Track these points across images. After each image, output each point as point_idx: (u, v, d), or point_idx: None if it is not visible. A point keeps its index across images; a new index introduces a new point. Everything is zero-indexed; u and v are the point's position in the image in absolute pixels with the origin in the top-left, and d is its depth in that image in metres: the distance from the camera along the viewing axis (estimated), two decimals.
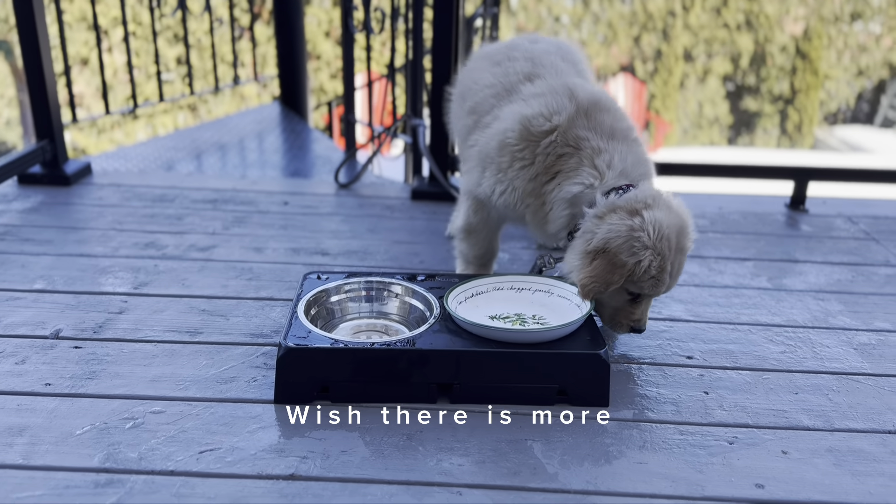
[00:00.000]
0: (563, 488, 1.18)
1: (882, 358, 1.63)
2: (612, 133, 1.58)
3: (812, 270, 2.11)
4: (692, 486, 1.20)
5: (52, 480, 1.16)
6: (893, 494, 1.19)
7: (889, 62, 13.70)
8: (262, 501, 1.13)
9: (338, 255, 2.12)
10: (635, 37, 13.48)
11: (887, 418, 1.40)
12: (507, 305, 1.58)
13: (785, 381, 1.52)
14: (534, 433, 1.32)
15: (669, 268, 1.47)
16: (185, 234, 2.22)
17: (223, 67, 5.24)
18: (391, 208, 2.55)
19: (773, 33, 13.28)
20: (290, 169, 3.68)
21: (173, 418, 1.33)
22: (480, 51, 1.96)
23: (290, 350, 1.37)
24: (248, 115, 4.67)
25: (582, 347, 1.41)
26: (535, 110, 1.60)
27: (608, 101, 1.64)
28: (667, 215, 1.47)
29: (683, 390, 1.48)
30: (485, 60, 1.85)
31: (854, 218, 2.58)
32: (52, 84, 2.57)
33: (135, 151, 3.77)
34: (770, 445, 1.31)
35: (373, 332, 1.57)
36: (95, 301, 1.77)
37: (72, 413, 1.33)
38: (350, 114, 3.75)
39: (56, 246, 2.10)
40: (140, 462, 1.21)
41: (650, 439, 1.32)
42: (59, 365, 1.49)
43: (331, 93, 11.32)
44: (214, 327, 1.66)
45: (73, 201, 2.48)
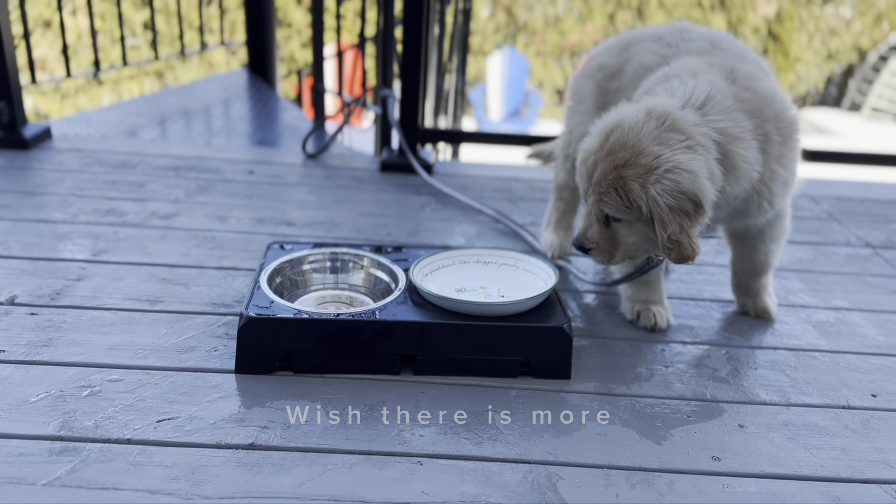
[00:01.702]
0: (523, 458, 1.19)
1: (839, 335, 1.66)
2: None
3: None
4: (650, 458, 1.21)
5: (5, 448, 1.14)
6: (845, 467, 1.22)
7: (858, 46, 13.85)
8: (220, 470, 1.12)
9: (304, 225, 2.09)
10: (610, 14, 13.45)
11: (841, 394, 1.43)
12: (472, 279, 1.57)
13: (744, 357, 1.55)
14: (496, 405, 1.33)
15: (586, 169, 1.36)
16: (146, 202, 2.18)
17: (191, 33, 5.11)
18: (359, 180, 2.52)
19: (745, 14, 13.34)
20: (257, 137, 3.62)
21: (131, 387, 1.31)
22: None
23: (252, 320, 1.35)
24: (214, 82, 4.58)
25: (545, 321, 1.41)
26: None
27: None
28: (615, 117, 1.36)
29: (645, 364, 1.49)
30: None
31: (818, 198, 2.61)
32: (9, 43, 2.49)
33: (97, 116, 3.67)
34: (727, 419, 1.33)
35: (337, 303, 1.56)
36: (53, 267, 1.73)
37: (27, 380, 1.31)
38: (319, 83, 3.70)
39: (13, 211, 2.04)
40: (96, 430, 1.19)
41: (611, 411, 1.33)
42: (14, 332, 1.46)
43: (301, 62, 11.13)
44: (175, 296, 1.64)
45: (31, 166, 2.42)
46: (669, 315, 1.64)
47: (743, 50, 1.57)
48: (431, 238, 2.06)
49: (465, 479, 1.14)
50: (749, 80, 1.42)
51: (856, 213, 2.48)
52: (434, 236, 2.07)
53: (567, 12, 13.52)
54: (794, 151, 1.45)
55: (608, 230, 1.39)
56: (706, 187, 1.28)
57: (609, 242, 1.40)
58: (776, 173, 1.42)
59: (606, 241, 1.39)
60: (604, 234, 1.39)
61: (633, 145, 1.29)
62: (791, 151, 1.43)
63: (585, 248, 1.42)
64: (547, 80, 13.51)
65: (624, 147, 1.30)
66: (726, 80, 1.41)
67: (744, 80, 1.41)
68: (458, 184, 2.50)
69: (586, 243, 1.41)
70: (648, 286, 1.62)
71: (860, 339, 1.64)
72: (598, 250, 1.40)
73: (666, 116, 1.31)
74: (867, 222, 2.40)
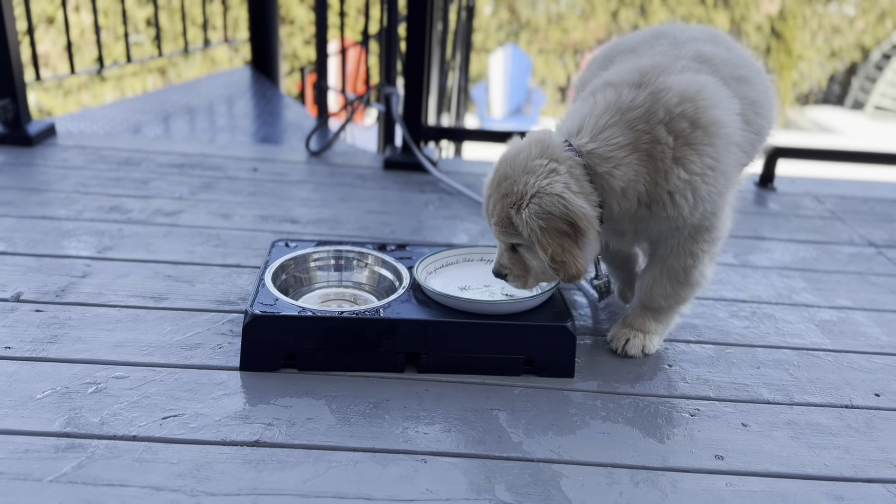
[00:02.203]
0: (527, 457, 1.20)
1: (842, 334, 1.66)
2: None
3: (778, 248, 2.14)
4: (654, 456, 1.22)
5: (12, 444, 1.14)
6: (848, 466, 1.22)
7: (861, 45, 13.82)
8: (225, 467, 1.13)
9: (307, 223, 2.10)
10: (613, 12, 13.43)
11: (844, 393, 1.43)
12: (476, 277, 1.58)
13: (747, 356, 1.55)
14: (500, 403, 1.33)
15: (486, 203, 1.42)
16: (150, 199, 2.18)
17: (194, 30, 5.11)
18: (363, 177, 2.53)
19: (748, 12, 13.31)
20: (261, 135, 3.62)
21: (136, 384, 1.31)
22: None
23: (257, 317, 1.36)
24: (218, 79, 4.58)
25: (549, 319, 1.42)
26: None
27: None
28: (505, 150, 1.42)
29: (648, 363, 1.50)
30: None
31: (821, 197, 2.61)
32: (13, 40, 2.49)
33: (101, 113, 3.68)
34: (731, 418, 1.34)
35: (341, 300, 1.56)
36: (58, 264, 1.74)
37: (32, 377, 1.31)
38: (322, 80, 3.70)
39: (17, 207, 2.04)
40: (102, 427, 1.19)
41: (614, 410, 1.33)
42: (20, 328, 1.46)
43: (304, 59, 11.12)
44: (180, 293, 1.64)
45: (35, 162, 2.42)
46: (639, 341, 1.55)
47: (713, 50, 1.45)
48: (435, 236, 2.06)
49: (470, 476, 1.14)
50: (660, 85, 1.33)
51: (859, 212, 2.48)
52: (438, 234, 2.08)
53: (570, 10, 13.50)
54: (701, 152, 1.31)
55: (516, 256, 1.42)
56: (577, 207, 1.29)
57: (520, 267, 1.43)
58: (674, 174, 1.31)
59: (517, 266, 1.43)
60: (513, 259, 1.43)
61: (509, 176, 1.35)
62: (695, 153, 1.31)
63: (503, 275, 1.45)
64: (549, 77, 13.49)
65: (505, 178, 1.36)
66: (634, 88, 1.35)
67: (656, 85, 1.33)
68: (461, 181, 2.50)
69: (502, 270, 1.45)
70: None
71: (863, 338, 1.65)
72: (513, 275, 1.43)
73: (540, 144, 1.35)
74: (870, 221, 2.40)
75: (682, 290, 1.48)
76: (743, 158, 1.41)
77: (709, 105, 1.31)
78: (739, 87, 1.39)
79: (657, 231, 1.43)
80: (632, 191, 1.33)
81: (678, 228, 1.40)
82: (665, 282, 1.47)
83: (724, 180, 1.35)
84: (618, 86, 1.36)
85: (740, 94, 1.38)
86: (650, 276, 1.49)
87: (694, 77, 1.34)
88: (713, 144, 1.31)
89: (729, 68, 1.41)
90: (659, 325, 1.53)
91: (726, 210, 1.42)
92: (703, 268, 1.46)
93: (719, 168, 1.33)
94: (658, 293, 1.48)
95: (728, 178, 1.36)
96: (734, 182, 1.40)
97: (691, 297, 1.51)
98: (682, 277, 1.46)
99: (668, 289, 1.47)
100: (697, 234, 1.42)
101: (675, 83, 1.32)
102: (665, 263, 1.46)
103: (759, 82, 1.45)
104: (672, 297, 1.48)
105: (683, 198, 1.33)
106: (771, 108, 1.47)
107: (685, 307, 1.53)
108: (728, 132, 1.32)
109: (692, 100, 1.30)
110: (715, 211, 1.39)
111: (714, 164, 1.32)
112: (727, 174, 1.35)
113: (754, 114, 1.41)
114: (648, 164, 1.32)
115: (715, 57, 1.41)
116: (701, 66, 1.39)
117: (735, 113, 1.35)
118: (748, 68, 1.44)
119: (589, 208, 1.30)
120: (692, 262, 1.44)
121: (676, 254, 1.44)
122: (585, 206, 1.30)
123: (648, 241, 1.54)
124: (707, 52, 1.42)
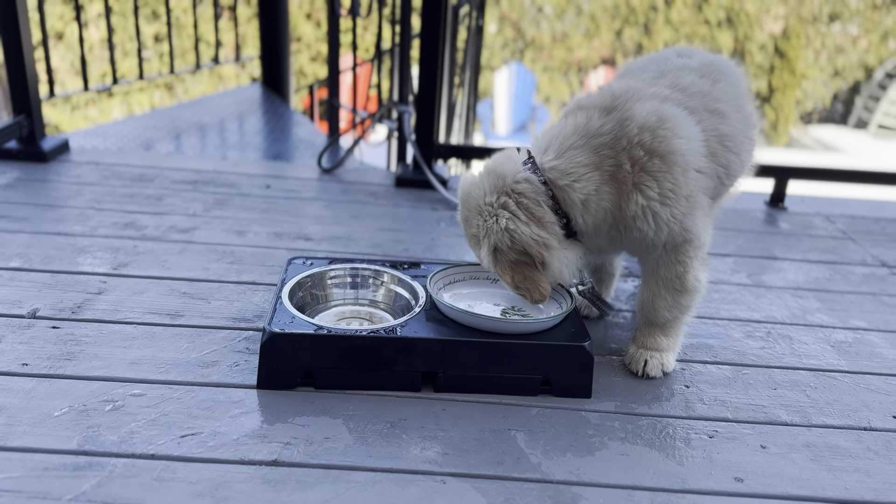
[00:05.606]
0: (545, 478, 1.19)
1: (858, 356, 1.65)
2: None
3: (791, 268, 2.14)
4: (673, 479, 1.21)
5: (30, 462, 1.14)
6: (869, 490, 1.22)
7: (865, 64, 13.87)
8: (244, 486, 1.12)
9: (321, 240, 2.10)
10: (617, 30, 13.50)
11: (863, 415, 1.43)
12: (485, 295, 1.58)
13: (764, 377, 1.54)
14: (517, 423, 1.33)
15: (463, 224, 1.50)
16: (165, 215, 2.19)
17: (202, 47, 5.15)
18: (375, 195, 2.54)
19: (752, 31, 13.37)
20: (272, 152, 3.64)
21: (154, 401, 1.31)
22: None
23: (275, 335, 1.36)
24: (228, 96, 4.61)
25: (566, 339, 1.41)
26: None
27: None
28: (463, 192, 1.48)
29: (665, 383, 1.49)
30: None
31: (832, 217, 2.61)
32: (30, 57, 2.52)
33: (113, 129, 3.70)
34: (749, 440, 1.33)
35: (357, 319, 1.56)
36: (73, 281, 1.74)
37: (49, 394, 1.31)
38: (334, 98, 3.72)
39: (33, 224, 2.05)
40: (120, 445, 1.19)
41: (632, 431, 1.33)
42: (37, 345, 1.46)
43: (311, 76, 11.19)
44: (195, 310, 1.64)
45: (50, 178, 2.43)
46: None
47: (692, 80, 1.50)
48: (448, 254, 2.07)
49: (489, 498, 1.14)
50: (626, 113, 1.38)
51: (871, 232, 2.48)
52: (450, 252, 2.08)
53: (574, 28, 13.58)
54: (658, 178, 1.36)
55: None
56: (525, 237, 1.35)
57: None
58: (632, 199, 1.37)
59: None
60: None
61: (468, 219, 1.45)
62: (653, 179, 1.36)
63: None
64: (554, 95, 13.55)
65: (466, 221, 1.46)
66: (604, 114, 1.40)
67: (622, 112, 1.39)
68: None
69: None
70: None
71: (879, 359, 1.64)
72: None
73: (492, 176, 1.41)
74: (882, 241, 2.40)
75: (682, 298, 1.49)
76: (708, 182, 1.44)
77: (667, 135, 1.37)
78: (711, 119, 1.45)
79: (635, 248, 1.49)
80: (594, 205, 1.39)
81: (654, 246, 1.44)
82: (664, 293, 1.49)
83: (687, 203, 1.40)
84: (589, 110, 1.43)
85: (709, 126, 1.44)
86: (649, 292, 1.51)
87: (657, 106, 1.40)
88: (671, 171, 1.37)
89: (704, 100, 1.47)
90: (670, 341, 1.54)
91: (700, 224, 1.45)
92: (696, 272, 1.48)
93: (680, 192, 1.38)
94: (661, 306, 1.50)
95: (692, 201, 1.41)
96: (700, 205, 1.43)
97: (693, 305, 1.52)
98: (678, 285, 1.48)
99: (669, 299, 1.49)
100: (678, 246, 1.45)
101: (637, 112, 1.39)
102: (658, 276, 1.49)
103: (738, 119, 1.50)
104: (675, 306, 1.50)
105: (645, 222, 1.39)
106: (744, 143, 1.52)
107: (688, 316, 1.54)
108: (686, 160, 1.38)
109: (651, 129, 1.36)
110: (687, 228, 1.42)
111: (673, 188, 1.38)
112: (690, 198, 1.40)
113: (722, 147, 1.45)
114: (612, 185, 1.38)
115: (690, 87, 1.48)
116: (673, 94, 1.45)
117: (698, 141, 1.40)
118: (728, 104, 1.50)
119: (541, 233, 1.36)
120: (682, 269, 1.47)
121: (665, 263, 1.47)
122: (537, 233, 1.36)
123: (634, 256, 1.59)
124: (685, 82, 1.49)
